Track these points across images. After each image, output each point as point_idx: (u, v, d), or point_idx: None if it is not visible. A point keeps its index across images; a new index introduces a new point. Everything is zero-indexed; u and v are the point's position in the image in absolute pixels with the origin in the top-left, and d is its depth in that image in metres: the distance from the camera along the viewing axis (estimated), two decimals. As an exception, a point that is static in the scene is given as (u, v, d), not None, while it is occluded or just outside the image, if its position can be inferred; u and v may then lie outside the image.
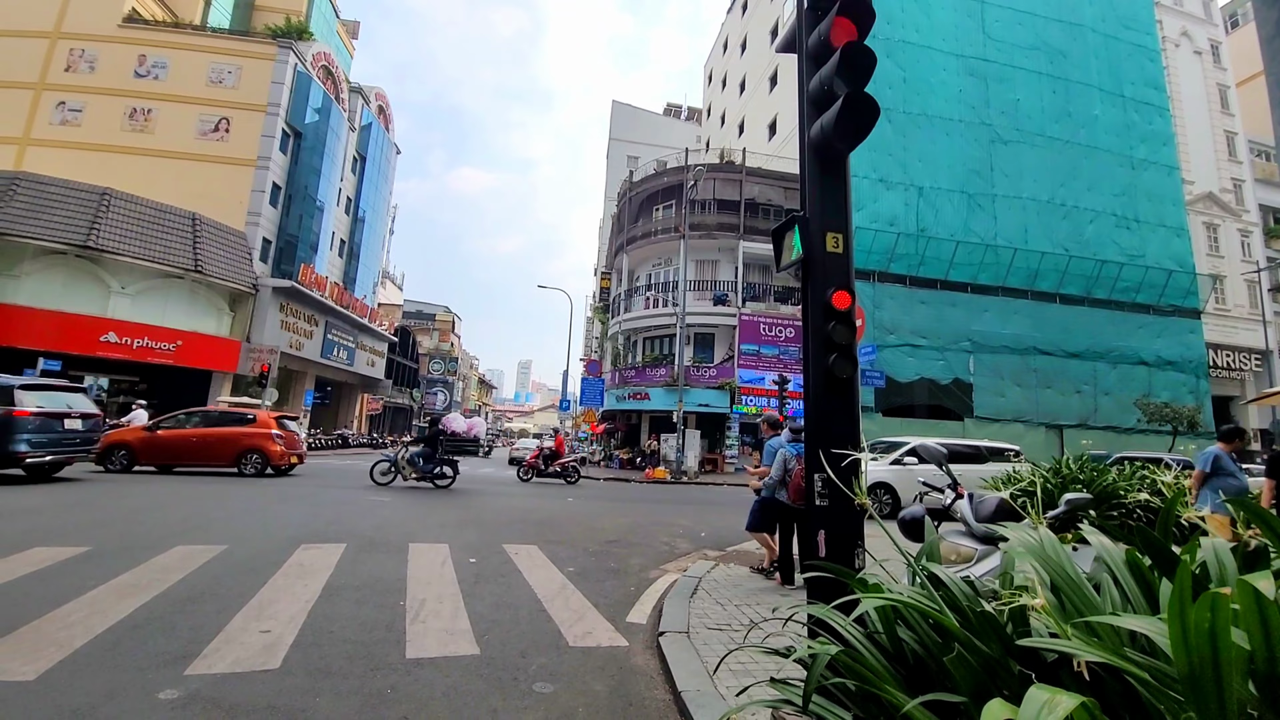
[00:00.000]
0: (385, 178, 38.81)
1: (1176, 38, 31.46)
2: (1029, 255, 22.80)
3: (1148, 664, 1.15)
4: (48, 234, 18.82)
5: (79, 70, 25.10)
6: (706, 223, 25.19)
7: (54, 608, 3.68)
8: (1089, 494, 2.83)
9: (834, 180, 3.12)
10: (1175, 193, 25.89)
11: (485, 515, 8.68)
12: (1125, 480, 4.03)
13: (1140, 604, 1.41)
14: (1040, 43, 24.85)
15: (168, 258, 20.70)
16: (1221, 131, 31.62)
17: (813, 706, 1.49)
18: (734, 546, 7.19)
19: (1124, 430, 22.27)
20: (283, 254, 26.57)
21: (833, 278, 2.98)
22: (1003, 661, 1.29)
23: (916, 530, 2.87)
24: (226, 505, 8.29)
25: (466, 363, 77.10)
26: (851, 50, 2.93)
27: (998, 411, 21.76)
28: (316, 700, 2.73)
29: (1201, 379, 24.24)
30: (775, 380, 19.48)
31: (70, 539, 5.50)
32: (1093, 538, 1.62)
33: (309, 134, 27.53)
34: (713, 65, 42.87)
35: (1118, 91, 25.55)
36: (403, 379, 47.00)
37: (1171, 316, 24.33)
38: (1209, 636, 1.00)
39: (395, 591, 4.49)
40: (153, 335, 20.39)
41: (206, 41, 26.23)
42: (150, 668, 2.96)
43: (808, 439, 2.98)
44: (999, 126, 23.70)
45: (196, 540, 5.75)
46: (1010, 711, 0.97)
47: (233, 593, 4.21)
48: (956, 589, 1.51)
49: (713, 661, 3.28)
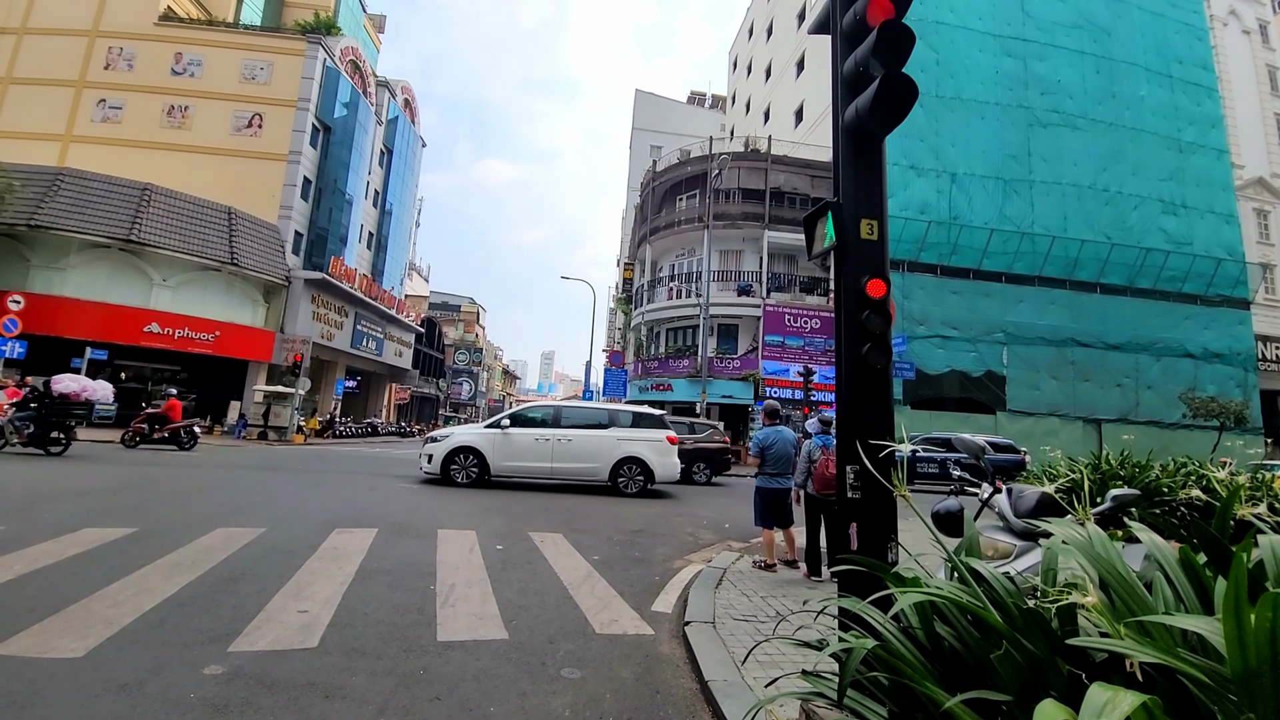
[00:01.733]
0: (411, 171, 39.29)
1: (1224, 16, 29.88)
2: (1068, 243, 22.00)
3: (1203, 665, 1.10)
4: (92, 228, 19.53)
5: (118, 68, 25.89)
6: (731, 212, 24.92)
7: (102, 586, 3.83)
8: (1134, 490, 2.72)
9: (868, 165, 3.04)
10: (1225, 177, 24.70)
11: (511, 503, 8.79)
12: (1170, 476, 3.87)
13: (1193, 604, 1.36)
14: (1083, 20, 23.83)
15: (206, 251, 21.33)
16: (1271, 114, 30.03)
17: (847, 700, 1.47)
18: (759, 539, 7.15)
19: (1167, 425, 21.48)
20: (314, 247, 27.16)
21: (867, 265, 2.91)
22: (1050, 661, 1.25)
23: (953, 524, 2.81)
24: (265, 489, 8.56)
25: (491, 353, 78.03)
26: (889, 29, 2.84)
27: (1031, 404, 21.17)
28: (353, 679, 2.81)
29: (1250, 372, 23.19)
30: (800, 372, 19.28)
31: (118, 520, 5.74)
32: (1143, 535, 1.56)
33: (338, 128, 27.99)
34: (738, 51, 42.19)
35: (1165, 71, 24.40)
36: (429, 369, 47.80)
37: (1219, 307, 23.30)
38: (1269, 637, 0.96)
39: (426, 576, 4.59)
40: (193, 326, 21.08)
41: (239, 38, 26.80)
42: (195, 644, 3.07)
43: (840, 430, 2.93)
44: (1038, 109, 22.85)
45: (237, 523, 5.94)
46: (1064, 712, 0.94)
47: (271, 574, 4.34)
48: (999, 585, 1.47)
49: (740, 652, 3.27)
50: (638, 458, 10.56)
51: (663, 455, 10.74)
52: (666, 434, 10.97)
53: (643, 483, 10.55)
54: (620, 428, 10.79)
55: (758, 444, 5.84)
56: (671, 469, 10.79)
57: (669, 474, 10.78)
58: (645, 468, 10.55)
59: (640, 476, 10.55)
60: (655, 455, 10.66)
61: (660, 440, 10.83)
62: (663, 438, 10.87)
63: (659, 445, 10.77)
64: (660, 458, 10.70)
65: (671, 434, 11.06)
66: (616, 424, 10.85)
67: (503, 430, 10.44)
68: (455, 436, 10.60)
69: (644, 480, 10.57)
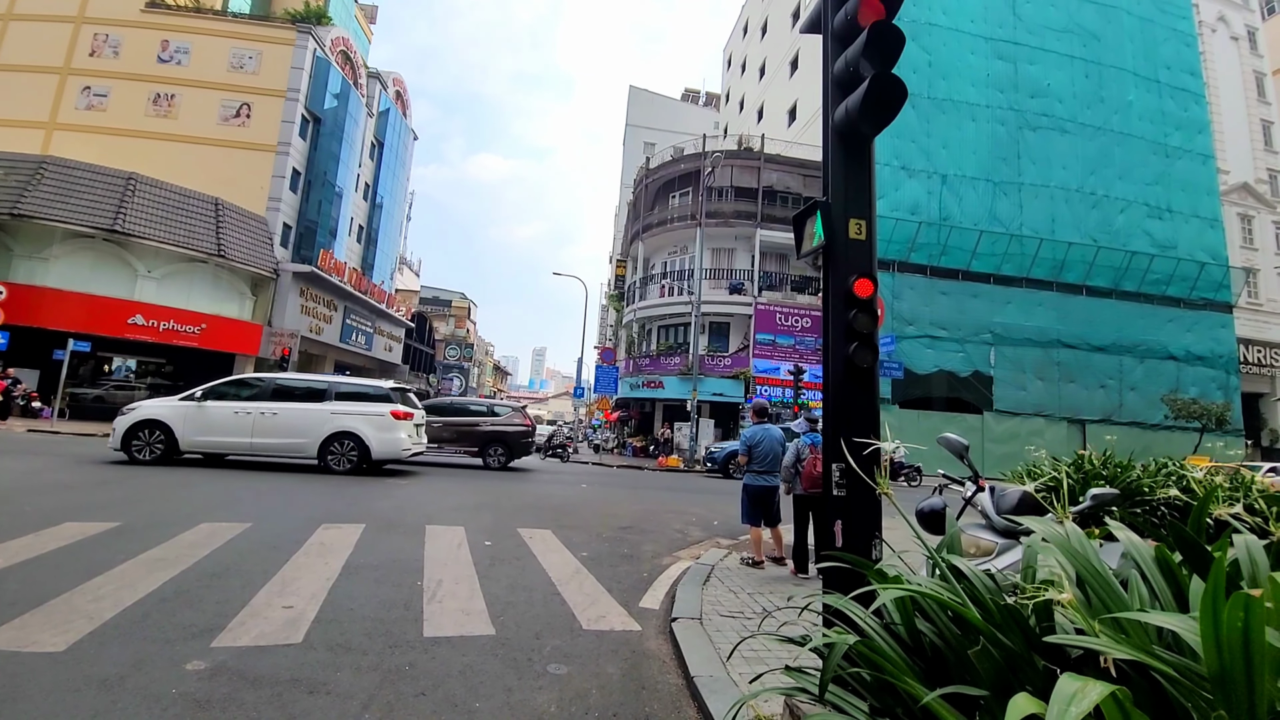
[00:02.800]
0: (402, 164, 38.95)
1: (1213, 22, 30.31)
2: (1055, 246, 22.28)
3: (1177, 662, 1.12)
4: (75, 218, 19.21)
5: (103, 55, 25.43)
6: (723, 210, 24.96)
7: (84, 581, 3.79)
8: (1114, 489, 2.76)
9: (858, 165, 3.06)
10: (1210, 182, 25.10)
11: (500, 500, 8.78)
12: (1151, 476, 3.93)
13: (1169, 601, 1.38)
14: (1073, 25, 24.09)
15: (192, 242, 21.05)
16: (1258, 120, 30.52)
17: (829, 695, 1.48)
18: (746, 536, 7.19)
19: (1150, 426, 21.84)
20: (302, 239, 26.86)
21: (855, 265, 2.93)
22: (1026, 656, 1.27)
23: (936, 522, 2.84)
24: (251, 484, 8.48)
25: (482, 349, 77.69)
26: (880, 29, 2.85)
27: (1018, 405, 21.44)
28: (337, 674, 2.80)
29: (1232, 375, 23.62)
30: (791, 370, 19.37)
31: (100, 514, 5.66)
32: (1120, 533, 1.59)
33: (328, 119, 27.68)
34: (732, 49, 42.20)
35: (1153, 77, 24.73)
36: (419, 364, 47.50)
37: (1203, 310, 23.70)
38: (1242, 636, 0.98)
39: (413, 571, 4.57)
40: (178, 318, 20.80)
41: (227, 26, 26.40)
42: (178, 640, 3.04)
43: (827, 428, 2.95)
44: (1027, 112, 23.09)
45: (221, 518, 5.89)
46: (1036, 705, 0.96)
47: (256, 569, 4.31)
48: (978, 582, 1.49)
49: (726, 648, 3.30)
50: (352, 432, 9.91)
51: (382, 430, 10.06)
52: (391, 408, 10.28)
53: (356, 460, 9.91)
54: (335, 400, 10.16)
55: (745, 442, 5.88)
56: (392, 445, 10.12)
57: (389, 450, 10.15)
58: (360, 443, 9.91)
59: (354, 453, 9.90)
60: (373, 430, 10.01)
61: (381, 415, 10.15)
62: (385, 411, 10.18)
63: (378, 420, 10.11)
64: (379, 433, 10.03)
65: (398, 408, 10.37)
66: (332, 396, 10.21)
67: (197, 403, 9.80)
68: (142, 409, 9.80)
69: (358, 457, 9.93)
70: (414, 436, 10.68)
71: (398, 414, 10.30)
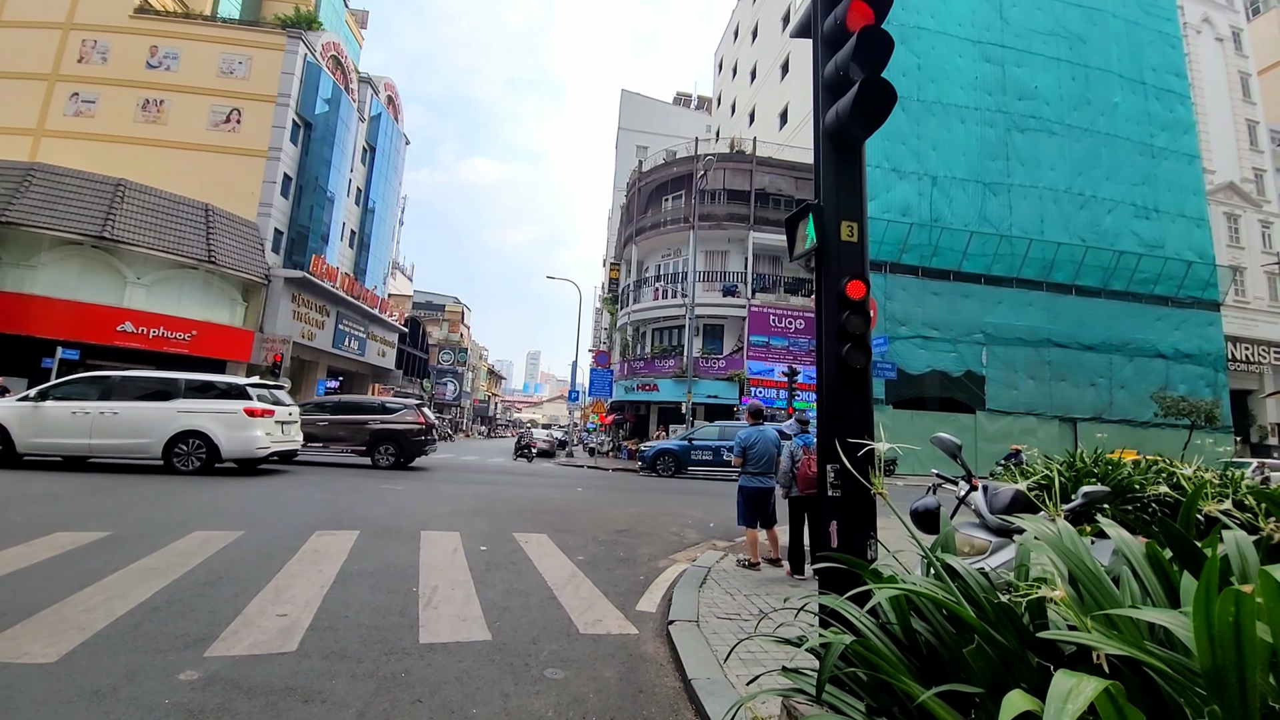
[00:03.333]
0: (395, 168, 38.86)
1: (1198, 24, 30.73)
2: (1045, 246, 22.48)
3: (1169, 658, 1.14)
4: (64, 225, 19.05)
5: (92, 61, 25.26)
6: (716, 213, 25.04)
7: (75, 591, 3.75)
8: (1105, 487, 2.79)
9: (849, 168, 3.08)
10: (1196, 182, 25.40)
11: (496, 504, 8.75)
12: (1141, 474, 3.97)
13: (1160, 597, 1.39)
14: (1059, 28, 24.36)
15: (181, 248, 20.89)
16: (1243, 120, 30.93)
17: (825, 696, 1.49)
18: (742, 537, 7.20)
19: (1140, 424, 22.03)
20: (294, 245, 26.73)
21: (847, 267, 2.95)
22: (1020, 654, 1.28)
23: (930, 522, 2.86)
24: (243, 492, 8.41)
25: (476, 353, 77.48)
26: (869, 34, 2.88)
27: (1010, 404, 21.58)
28: (332, 683, 2.78)
29: (1220, 372, 23.87)
30: (785, 372, 19.42)
31: (91, 524, 5.61)
32: (1111, 530, 1.60)
33: (319, 124, 27.58)
34: (723, 53, 42.39)
35: (1138, 78, 25.02)
36: (413, 369, 47.30)
37: (1190, 309, 23.96)
38: (1233, 631, 0.99)
39: (408, 578, 4.54)
40: (168, 325, 20.64)
41: (217, 32, 26.29)
42: (170, 650, 3.01)
43: (822, 429, 2.96)
44: (1015, 114, 23.31)
45: (214, 526, 5.84)
46: (1030, 702, 0.97)
47: (250, 577, 4.27)
48: (972, 580, 1.50)
49: (723, 650, 3.30)
50: (200, 431, 9.56)
51: (234, 429, 9.68)
52: (244, 404, 9.88)
53: (205, 460, 9.56)
54: (185, 398, 9.78)
55: (740, 443, 5.90)
56: (244, 444, 9.75)
57: (241, 449, 9.78)
58: (209, 442, 9.57)
59: (202, 452, 9.55)
60: (223, 429, 9.64)
61: (233, 412, 9.76)
62: (237, 409, 9.78)
63: (230, 418, 9.73)
64: (230, 431, 9.66)
65: (253, 405, 9.97)
66: (181, 394, 9.83)
67: (33, 404, 9.49)
68: None
69: (206, 457, 9.56)
70: (275, 434, 10.26)
71: (253, 411, 9.91)
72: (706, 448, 17.09)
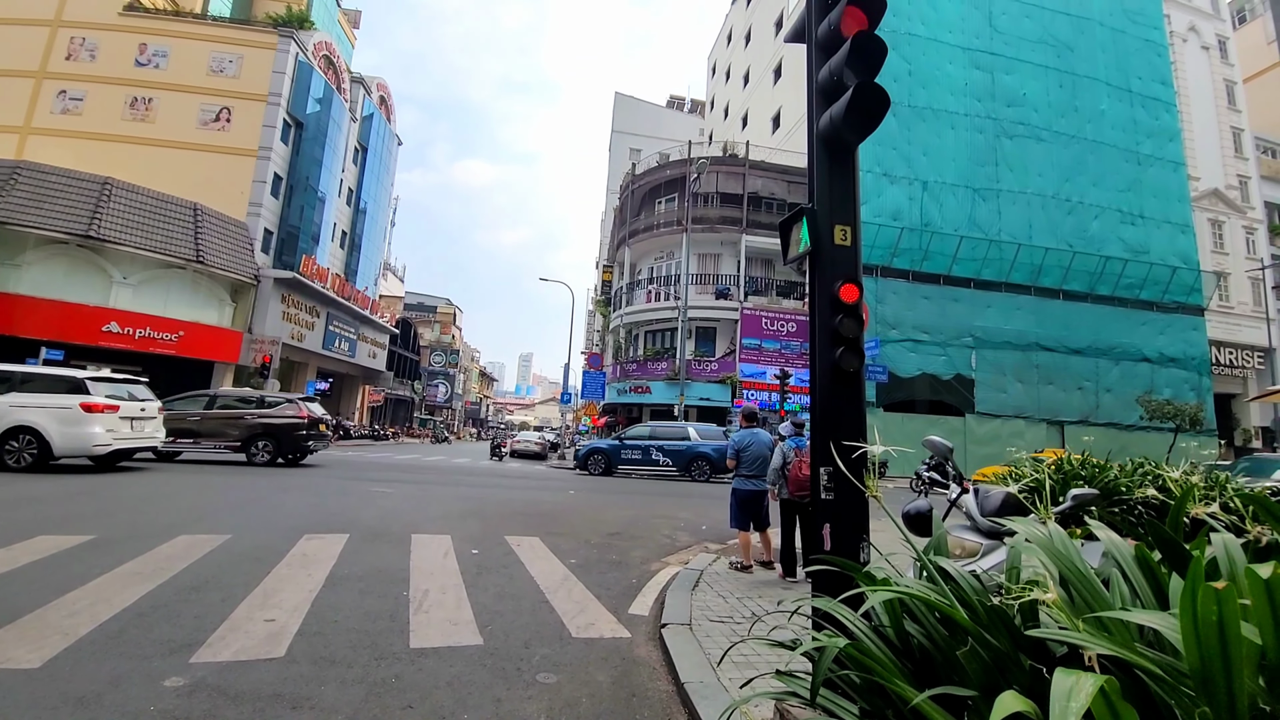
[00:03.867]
0: (387, 169, 38.67)
1: (1184, 32, 31.19)
2: (1033, 251, 22.71)
3: (1159, 659, 1.14)
4: (49, 223, 18.79)
5: (80, 58, 24.97)
6: (709, 216, 25.12)
7: (58, 596, 3.69)
8: (1094, 490, 2.82)
9: (842, 172, 3.10)
10: (1181, 189, 25.75)
11: (487, 507, 8.70)
12: (1129, 476, 4.01)
13: (1149, 599, 1.40)
14: (1047, 36, 24.65)
15: (169, 248, 20.67)
16: (1228, 127, 31.41)
17: (819, 699, 1.49)
18: (735, 540, 7.21)
19: (1126, 427, 22.27)
20: (284, 245, 26.52)
21: (840, 270, 2.96)
22: (1013, 656, 1.29)
23: (922, 524, 2.87)
24: (230, 495, 8.32)
25: (468, 355, 77.14)
26: (862, 40, 2.90)
27: (999, 407, 21.75)
28: (321, 689, 2.74)
29: (1204, 376, 24.19)
30: (777, 375, 19.49)
31: (75, 527, 5.52)
32: (1101, 533, 1.61)
33: (310, 124, 27.41)
34: (716, 57, 42.57)
35: (1125, 86, 25.36)
36: (404, 371, 47.05)
37: (1175, 313, 24.27)
38: (1217, 630, 1.00)
39: (398, 582, 4.51)
40: (155, 325, 20.40)
41: (207, 30, 26.08)
42: (155, 655, 2.97)
43: (815, 432, 2.97)
44: (1004, 120, 23.55)
45: (200, 530, 5.77)
46: (1022, 704, 0.97)
47: (237, 582, 4.22)
48: (965, 583, 1.51)
49: (716, 654, 3.29)
50: (30, 427, 9.10)
51: (67, 425, 9.20)
52: (81, 399, 9.35)
53: (35, 457, 9.13)
54: (16, 392, 9.33)
55: (733, 446, 5.92)
56: (80, 440, 9.26)
57: (76, 446, 9.28)
58: (40, 439, 9.12)
59: (33, 449, 9.12)
60: (56, 425, 9.16)
61: (67, 407, 9.26)
62: (73, 404, 9.29)
63: (63, 413, 9.23)
64: (63, 427, 9.18)
65: (92, 399, 9.43)
66: (14, 387, 9.40)
67: None
68: None
69: (37, 454, 9.14)
70: (120, 431, 9.77)
71: (90, 406, 9.37)
72: (637, 447, 17.40)
